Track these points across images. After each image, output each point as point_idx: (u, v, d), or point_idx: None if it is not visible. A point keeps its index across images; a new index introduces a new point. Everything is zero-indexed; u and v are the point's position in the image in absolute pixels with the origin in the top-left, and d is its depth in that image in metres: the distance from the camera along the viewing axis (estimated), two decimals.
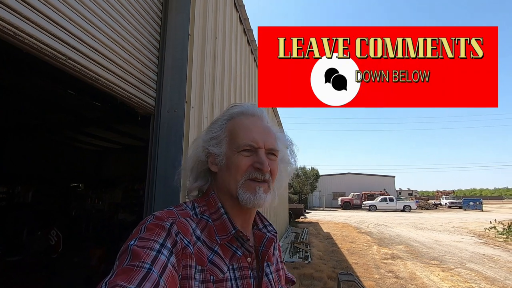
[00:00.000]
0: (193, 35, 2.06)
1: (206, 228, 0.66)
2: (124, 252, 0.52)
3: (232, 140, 0.72)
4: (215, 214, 0.69)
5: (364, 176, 39.43)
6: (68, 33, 1.25)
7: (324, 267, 6.00)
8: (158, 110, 1.92)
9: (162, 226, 0.58)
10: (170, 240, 0.56)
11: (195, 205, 0.71)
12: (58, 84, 3.18)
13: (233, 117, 0.76)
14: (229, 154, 0.71)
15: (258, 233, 0.77)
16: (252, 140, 0.70)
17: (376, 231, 12.53)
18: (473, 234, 11.87)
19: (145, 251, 0.51)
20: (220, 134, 0.74)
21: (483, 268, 6.31)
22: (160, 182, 1.84)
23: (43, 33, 1.13)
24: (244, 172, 0.69)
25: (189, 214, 0.67)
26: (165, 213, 0.63)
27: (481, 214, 23.91)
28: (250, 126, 0.73)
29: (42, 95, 3.74)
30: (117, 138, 6.48)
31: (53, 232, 5.39)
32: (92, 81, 1.42)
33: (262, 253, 0.72)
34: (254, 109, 0.77)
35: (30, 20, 1.08)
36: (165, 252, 0.53)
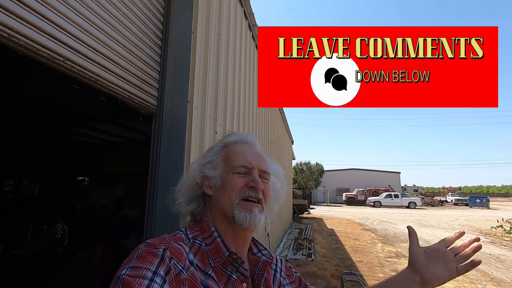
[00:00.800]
0: (196, 33, 2.01)
1: (199, 252, 0.65)
2: (115, 283, 0.51)
3: (227, 163, 0.75)
4: (209, 239, 0.69)
5: (369, 172, 39.21)
6: (66, 33, 1.20)
7: (328, 265, 5.98)
8: (160, 110, 1.88)
9: (154, 253, 0.56)
10: (164, 267, 0.55)
11: (187, 232, 0.71)
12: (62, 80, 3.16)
13: (228, 144, 0.80)
14: (224, 175, 0.73)
15: (253, 258, 0.76)
16: (246, 161, 0.73)
17: (381, 228, 12.47)
18: (479, 232, 11.74)
19: (137, 280, 0.50)
20: (215, 159, 0.77)
21: (489, 268, 6.23)
22: (162, 182, 1.81)
23: (38, 33, 1.09)
24: (239, 192, 0.70)
25: (182, 239, 0.66)
26: (157, 240, 0.62)
27: (488, 212, 23.65)
28: (244, 151, 0.77)
29: (45, 91, 3.74)
30: (121, 132, 6.49)
31: (59, 226, 5.45)
32: (92, 82, 1.38)
33: (257, 277, 0.71)
34: (247, 138, 0.82)
35: (24, 20, 1.03)
36: (158, 280, 0.52)
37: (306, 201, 18.69)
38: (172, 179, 1.80)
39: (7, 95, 3.90)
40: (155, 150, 1.85)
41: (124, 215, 5.98)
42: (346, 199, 31.91)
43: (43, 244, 5.30)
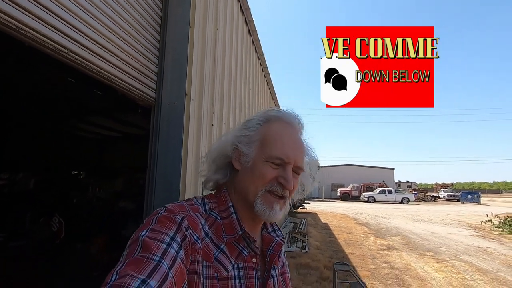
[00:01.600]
0: (193, 27, 2.06)
1: (214, 225, 0.66)
2: (134, 242, 0.53)
3: (264, 146, 0.69)
4: (225, 212, 0.69)
5: (364, 167, 39.61)
6: (69, 26, 1.26)
7: (321, 257, 6.12)
8: (159, 102, 1.94)
9: (173, 220, 0.58)
10: (180, 234, 0.57)
11: (205, 201, 0.71)
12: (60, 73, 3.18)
13: (269, 119, 0.73)
14: (257, 159, 0.69)
15: (267, 236, 0.77)
16: (284, 154, 0.68)
17: (374, 223, 12.69)
18: (469, 227, 12.02)
19: (156, 243, 0.52)
20: (253, 135, 0.71)
21: (476, 260, 6.43)
22: (160, 172, 1.88)
23: (44, 26, 1.14)
24: (267, 183, 0.68)
25: (199, 210, 0.67)
26: (177, 206, 0.63)
27: (479, 207, 24.12)
28: (285, 137, 0.70)
29: (43, 84, 3.75)
30: (119, 127, 6.50)
31: (55, 219, 5.48)
32: (93, 73, 1.43)
33: (270, 256, 0.73)
34: (293, 119, 0.75)
35: (31, 13, 1.09)
36: (175, 245, 0.54)
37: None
38: (170, 169, 1.87)
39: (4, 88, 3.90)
40: (154, 141, 1.92)
41: (121, 208, 6.02)
42: (341, 194, 32.22)
43: (40, 237, 5.34)
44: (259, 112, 0.78)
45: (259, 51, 4.80)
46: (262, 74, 5.55)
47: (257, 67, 4.91)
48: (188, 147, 1.97)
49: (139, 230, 0.56)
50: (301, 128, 0.76)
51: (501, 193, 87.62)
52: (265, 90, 6.11)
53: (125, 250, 0.53)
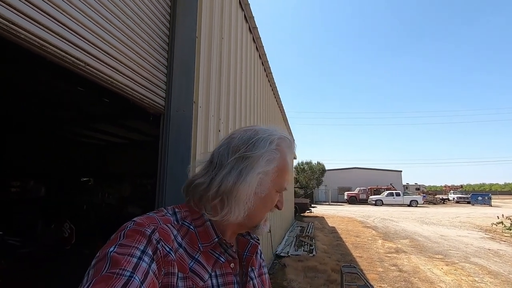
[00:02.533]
0: (200, 37, 2.15)
1: (187, 235, 0.64)
2: (102, 259, 0.50)
3: (278, 178, 0.70)
4: (198, 221, 0.67)
5: (371, 170, 39.25)
6: (86, 41, 1.35)
7: (328, 260, 6.11)
8: (168, 110, 2.02)
9: (142, 233, 0.56)
10: (151, 248, 0.55)
11: (176, 211, 0.68)
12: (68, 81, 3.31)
13: (281, 145, 0.71)
14: (271, 190, 0.70)
15: (242, 239, 0.78)
16: (288, 183, 0.74)
17: (382, 226, 12.57)
18: (479, 229, 11.82)
19: (126, 258, 0.50)
20: (272, 168, 0.68)
21: (487, 262, 6.34)
22: (170, 178, 1.96)
23: (63, 42, 1.23)
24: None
25: (170, 221, 0.64)
26: (146, 219, 0.61)
27: (490, 209, 23.67)
28: (290, 168, 0.76)
29: (52, 92, 3.88)
30: (125, 134, 6.64)
31: (66, 225, 5.61)
32: (108, 84, 1.52)
33: (246, 259, 0.75)
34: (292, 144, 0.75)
35: (51, 30, 1.18)
36: (146, 259, 0.52)
37: (308, 200, 18.80)
38: (179, 174, 1.94)
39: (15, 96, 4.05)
40: (163, 147, 2.00)
41: (130, 213, 6.12)
42: (348, 198, 31.98)
43: (51, 242, 5.46)
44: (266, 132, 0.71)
45: (263, 57, 4.89)
46: (266, 79, 5.64)
47: (261, 73, 4.99)
48: (197, 153, 2.04)
49: (105, 247, 0.53)
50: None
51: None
52: (270, 95, 6.19)
53: (90, 270, 0.49)
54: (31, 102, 4.35)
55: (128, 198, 7.17)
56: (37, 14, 1.11)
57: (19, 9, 1.04)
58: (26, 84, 3.43)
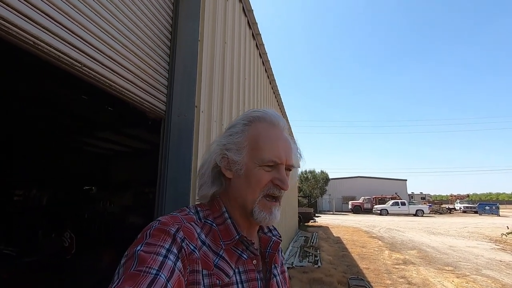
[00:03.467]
0: (202, 41, 2.11)
1: (210, 232, 0.66)
2: (130, 258, 0.52)
3: (255, 151, 0.68)
4: (219, 219, 0.69)
5: (375, 179, 38.82)
6: (83, 41, 1.30)
7: (334, 272, 5.92)
8: (169, 114, 1.97)
9: (167, 232, 0.57)
10: (176, 246, 0.56)
11: (198, 210, 0.70)
12: (71, 89, 3.29)
13: (253, 121, 0.72)
14: (250, 166, 0.68)
15: (264, 237, 0.77)
16: (276, 156, 0.68)
17: (388, 236, 12.29)
18: (489, 239, 11.51)
19: (152, 256, 0.51)
20: (240, 141, 0.70)
21: (500, 275, 6.11)
22: (171, 185, 1.88)
23: (60, 41, 1.18)
24: (264, 188, 0.68)
25: (193, 219, 0.66)
26: (170, 218, 0.63)
27: (498, 219, 23.16)
28: (273, 139, 0.70)
29: (55, 100, 3.86)
30: (127, 142, 6.61)
31: (66, 234, 5.52)
32: (106, 87, 1.46)
33: (269, 256, 0.73)
34: (277, 118, 0.74)
35: (48, 30, 1.13)
36: (172, 257, 0.54)
37: (312, 210, 18.54)
38: (180, 181, 1.87)
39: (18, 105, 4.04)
40: (164, 153, 1.93)
41: (131, 223, 6.03)
42: (352, 207, 31.53)
43: (51, 252, 5.36)
44: (241, 115, 0.76)
45: (267, 64, 4.86)
46: (270, 86, 5.60)
47: (264, 79, 4.96)
48: (198, 158, 1.97)
49: (133, 245, 0.55)
50: (285, 125, 0.75)
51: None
52: (273, 102, 6.15)
53: (120, 268, 0.52)
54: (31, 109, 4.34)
55: (131, 207, 7.08)
56: (31, 11, 1.06)
57: (12, 6, 1.00)
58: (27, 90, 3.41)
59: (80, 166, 7.77)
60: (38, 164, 6.83)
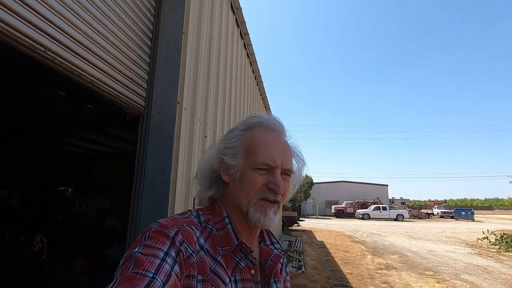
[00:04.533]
0: (187, 34, 1.98)
1: (210, 237, 0.65)
2: (128, 259, 0.51)
3: (250, 155, 0.69)
4: (220, 224, 0.68)
5: (358, 184, 39.50)
6: (48, 22, 1.15)
7: (318, 277, 5.85)
8: (148, 110, 1.82)
9: (166, 234, 0.57)
10: (174, 249, 0.55)
11: (199, 213, 0.70)
12: (47, 85, 3.06)
13: (251, 127, 0.73)
14: (245, 169, 0.68)
15: (265, 249, 0.76)
16: (270, 159, 0.67)
17: (370, 240, 12.43)
18: (466, 244, 11.85)
19: (149, 259, 0.50)
20: (236, 145, 0.71)
21: (477, 279, 6.24)
22: (148, 186, 1.73)
23: (18, 20, 1.03)
24: (258, 191, 0.67)
25: (194, 222, 0.65)
26: (170, 220, 0.62)
27: (473, 224, 24.05)
28: (268, 143, 0.70)
29: (30, 97, 3.60)
30: (108, 142, 6.33)
31: (37, 238, 5.16)
32: (75, 76, 1.31)
33: (269, 268, 0.71)
34: (274, 123, 0.74)
35: (8, 8, 0.98)
36: (169, 260, 0.53)
37: (296, 213, 18.55)
38: (159, 183, 1.72)
39: None
40: (142, 151, 1.78)
41: (108, 227, 5.74)
42: (335, 211, 31.88)
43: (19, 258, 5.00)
44: (240, 121, 0.77)
45: (254, 65, 4.77)
46: (257, 88, 5.51)
47: (252, 80, 4.86)
48: (179, 159, 1.83)
49: (132, 247, 0.54)
50: (284, 130, 0.76)
51: (493, 209, 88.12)
52: (260, 104, 6.06)
53: (118, 269, 0.51)
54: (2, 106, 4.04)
55: (109, 209, 6.76)
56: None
57: None
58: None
59: (56, 166, 7.38)
60: (9, 163, 6.42)
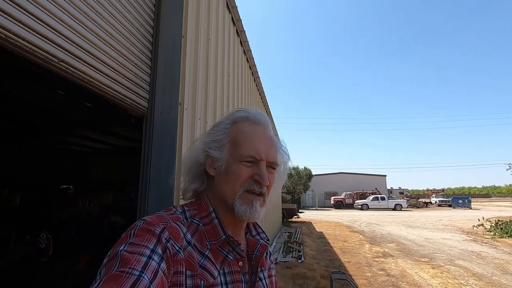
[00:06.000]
0: (186, 37, 2.07)
1: (196, 232, 0.65)
2: (113, 258, 0.50)
3: (235, 147, 0.70)
4: (206, 218, 0.68)
5: (356, 175, 39.84)
6: (60, 35, 1.24)
7: (317, 266, 6.05)
8: (151, 111, 1.92)
9: (152, 232, 0.56)
10: (161, 247, 0.55)
11: (185, 209, 0.70)
12: (46, 85, 3.13)
13: (237, 121, 0.74)
14: (230, 161, 0.69)
15: (252, 239, 0.77)
16: (255, 151, 0.68)
17: (368, 230, 12.68)
18: (462, 231, 12.13)
19: (135, 257, 0.50)
20: (222, 138, 0.71)
21: (471, 264, 6.46)
22: (153, 184, 1.84)
23: (34, 35, 1.12)
24: (243, 183, 0.68)
25: (180, 219, 0.65)
26: (155, 217, 0.61)
27: (470, 212, 24.45)
28: (254, 136, 0.70)
29: (29, 96, 3.68)
30: (108, 139, 6.41)
31: (43, 235, 5.27)
32: (85, 83, 1.41)
33: (256, 258, 0.72)
34: (260, 117, 0.75)
35: (21, 23, 1.07)
36: (156, 258, 0.52)
37: (295, 206, 18.80)
38: (163, 180, 1.83)
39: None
40: (147, 151, 1.88)
41: (111, 223, 5.86)
42: (335, 202, 32.25)
43: (25, 254, 5.13)
44: (226, 115, 0.77)
45: (251, 61, 4.85)
46: (254, 84, 5.59)
47: (249, 76, 4.94)
48: (182, 156, 1.94)
49: (116, 245, 0.54)
50: (269, 124, 0.76)
51: (491, 197, 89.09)
52: (258, 99, 6.15)
53: (102, 268, 0.50)
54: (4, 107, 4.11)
55: (111, 206, 6.88)
56: (4, 4, 1.00)
57: None
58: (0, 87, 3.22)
59: (57, 164, 7.47)
60: (12, 162, 6.50)
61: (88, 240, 5.79)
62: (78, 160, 7.85)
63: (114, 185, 7.20)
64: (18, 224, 5.86)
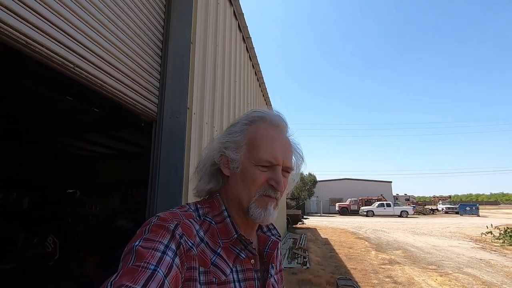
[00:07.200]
0: (194, 43, 2.11)
1: (209, 230, 0.66)
2: (128, 253, 0.52)
3: (252, 150, 0.68)
4: (218, 217, 0.69)
5: (361, 181, 39.52)
6: (76, 42, 1.29)
7: (323, 273, 5.99)
8: (161, 116, 1.96)
9: (166, 228, 0.57)
10: (174, 242, 0.56)
11: (198, 207, 0.70)
12: (56, 89, 3.21)
13: (254, 121, 0.72)
14: (246, 164, 0.68)
15: (263, 236, 0.77)
16: (272, 156, 0.67)
17: (374, 237, 12.53)
18: (470, 239, 11.91)
19: (150, 252, 0.51)
20: (239, 140, 0.70)
21: (480, 272, 6.34)
22: (162, 186, 1.87)
23: (52, 41, 1.17)
24: (259, 188, 0.67)
25: (193, 216, 0.66)
26: (169, 214, 0.62)
27: (478, 219, 24.01)
28: (271, 140, 0.69)
29: (38, 100, 3.76)
30: (114, 144, 6.48)
31: (49, 239, 5.34)
32: (98, 87, 1.45)
33: (267, 255, 0.73)
34: (278, 120, 0.73)
35: (40, 29, 1.12)
36: (170, 253, 0.53)
37: (300, 212, 18.66)
38: (172, 182, 1.86)
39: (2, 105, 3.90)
40: (156, 155, 1.92)
41: (118, 226, 5.90)
42: (339, 209, 31.94)
43: (32, 258, 5.17)
44: (242, 115, 0.76)
45: (256, 67, 4.90)
46: (259, 89, 5.64)
47: (254, 82, 4.99)
48: (190, 160, 1.97)
49: (132, 241, 0.55)
50: (286, 127, 0.75)
51: (499, 204, 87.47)
52: (263, 104, 6.19)
53: (120, 263, 0.52)
54: (15, 110, 4.20)
55: (117, 210, 6.93)
56: (24, 11, 1.05)
57: (5, 5, 0.98)
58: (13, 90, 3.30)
59: (64, 168, 7.56)
60: (21, 165, 6.60)
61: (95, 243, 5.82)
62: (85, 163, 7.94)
63: (120, 189, 7.25)
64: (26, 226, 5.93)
